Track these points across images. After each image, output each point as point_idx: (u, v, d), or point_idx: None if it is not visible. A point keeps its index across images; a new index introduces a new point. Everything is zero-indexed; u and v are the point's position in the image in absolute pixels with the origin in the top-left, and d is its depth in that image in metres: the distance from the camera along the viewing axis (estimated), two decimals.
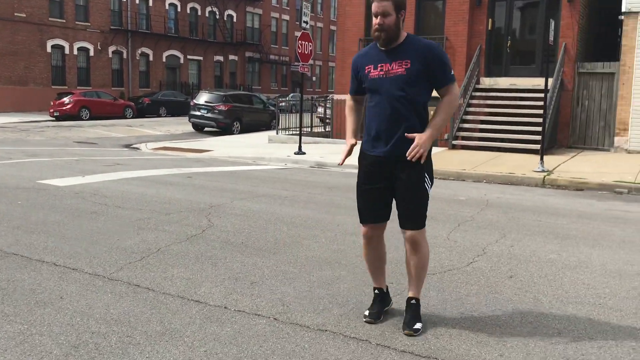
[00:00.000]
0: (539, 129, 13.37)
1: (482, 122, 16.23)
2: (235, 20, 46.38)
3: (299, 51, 14.83)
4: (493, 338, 3.58)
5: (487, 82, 17.16)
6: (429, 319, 3.83)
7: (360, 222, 3.82)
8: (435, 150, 15.48)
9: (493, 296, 4.34)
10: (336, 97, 19.16)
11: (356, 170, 3.81)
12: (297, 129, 16.52)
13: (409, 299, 3.78)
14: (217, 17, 44.16)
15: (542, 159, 12.07)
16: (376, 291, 3.96)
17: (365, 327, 3.72)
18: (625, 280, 4.85)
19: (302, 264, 5.05)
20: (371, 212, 3.75)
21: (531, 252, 5.66)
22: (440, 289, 4.46)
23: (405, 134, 3.51)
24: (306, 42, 14.98)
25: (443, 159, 13.62)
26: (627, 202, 9.32)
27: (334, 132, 19.26)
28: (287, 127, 19.29)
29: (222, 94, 23.96)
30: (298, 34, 16.47)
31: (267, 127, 24.20)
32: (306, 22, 14.88)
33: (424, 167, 3.59)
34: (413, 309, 3.74)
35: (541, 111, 13.36)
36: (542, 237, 6.36)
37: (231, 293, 4.26)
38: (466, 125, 16.12)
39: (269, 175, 11.08)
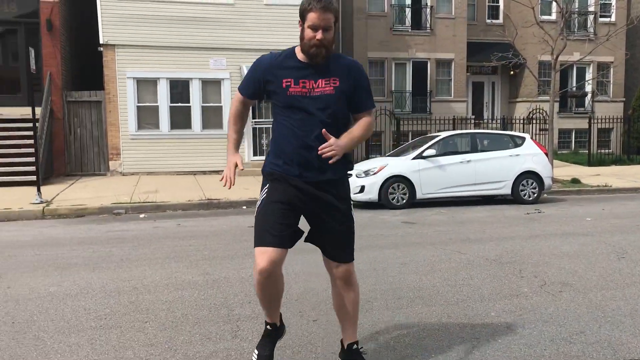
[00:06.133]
0: (33, 159, 12.92)
1: None
2: None
3: None
4: None
5: None
6: None
7: (261, 245, 3.00)
8: None
9: None
10: None
11: None
12: None
13: (351, 345, 3.28)
14: None
15: (39, 190, 11.71)
16: (269, 327, 3.35)
17: None
18: (124, 296, 5.17)
19: None
20: (278, 232, 2.99)
21: (30, 290, 5.41)
22: None
23: (323, 130, 2.98)
24: None
25: None
26: (124, 222, 9.98)
27: None
28: None
29: None
30: None
31: None
32: None
33: (350, 196, 3.25)
34: (360, 356, 3.29)
35: (33, 141, 12.95)
36: (42, 271, 6.17)
37: None
38: None
39: None
